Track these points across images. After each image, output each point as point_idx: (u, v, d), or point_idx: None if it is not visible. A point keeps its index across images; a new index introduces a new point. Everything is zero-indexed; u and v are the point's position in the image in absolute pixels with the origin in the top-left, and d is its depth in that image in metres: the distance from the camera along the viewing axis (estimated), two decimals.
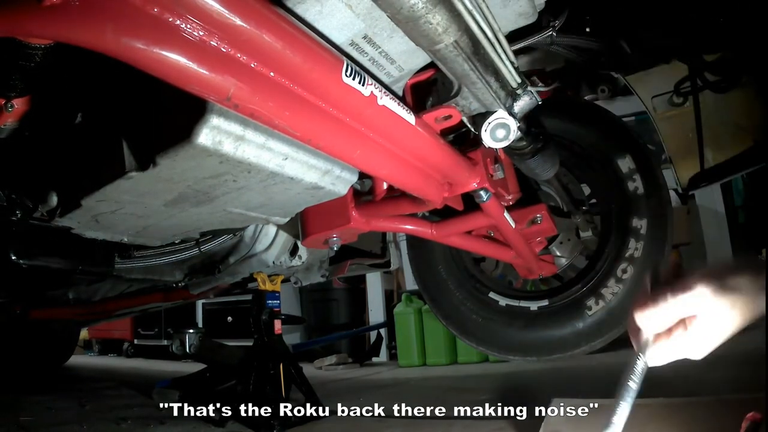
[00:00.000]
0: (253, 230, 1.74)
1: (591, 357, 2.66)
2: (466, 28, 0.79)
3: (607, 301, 1.90)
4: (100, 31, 0.48)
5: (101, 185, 0.94)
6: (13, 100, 0.82)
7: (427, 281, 2.23)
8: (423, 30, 0.74)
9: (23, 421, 2.15)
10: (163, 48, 0.51)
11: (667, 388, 1.69)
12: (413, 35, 0.77)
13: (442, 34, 0.76)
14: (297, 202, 1.18)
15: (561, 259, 2.06)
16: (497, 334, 2.08)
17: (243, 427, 1.90)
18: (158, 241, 1.36)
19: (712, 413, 1.31)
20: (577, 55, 1.26)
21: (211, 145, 0.83)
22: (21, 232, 1.13)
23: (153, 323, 5.65)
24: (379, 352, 4.58)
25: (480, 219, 1.50)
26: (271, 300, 2.05)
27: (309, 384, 2.09)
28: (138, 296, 2.32)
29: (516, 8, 0.97)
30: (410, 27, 0.73)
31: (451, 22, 0.76)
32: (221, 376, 2.29)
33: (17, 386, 3.16)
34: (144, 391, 2.74)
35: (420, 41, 0.78)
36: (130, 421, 2.13)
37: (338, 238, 1.46)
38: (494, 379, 2.87)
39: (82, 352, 6.41)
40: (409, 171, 1.07)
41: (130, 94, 0.88)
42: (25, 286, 2.08)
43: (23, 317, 2.45)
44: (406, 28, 0.75)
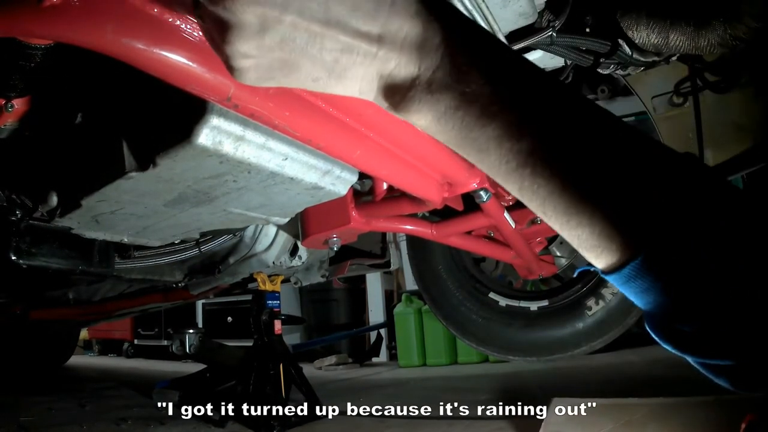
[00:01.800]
0: (253, 230, 1.74)
1: (591, 357, 2.67)
2: None
3: (607, 301, 1.90)
4: (100, 32, 0.48)
5: (101, 185, 0.94)
6: (13, 100, 0.82)
7: (427, 281, 2.23)
8: None
9: (23, 422, 2.15)
10: (163, 48, 0.51)
11: (666, 388, 1.69)
12: None
13: None
14: (297, 202, 1.18)
15: (561, 259, 2.06)
16: (497, 334, 2.08)
17: (243, 427, 1.91)
18: (158, 241, 1.36)
19: (712, 413, 1.31)
20: (577, 55, 1.26)
21: (211, 146, 0.83)
22: (21, 232, 1.13)
23: (153, 323, 5.65)
24: (379, 353, 4.58)
25: (480, 219, 1.50)
26: (271, 300, 2.05)
27: (309, 384, 2.09)
28: (138, 296, 2.32)
29: (516, 8, 0.97)
30: None
31: None
32: (221, 376, 2.29)
33: (17, 386, 3.16)
34: (144, 392, 2.75)
35: None
36: (130, 421, 2.13)
37: (338, 238, 1.46)
38: (494, 379, 2.87)
39: (82, 352, 6.41)
40: (409, 171, 1.07)
41: (130, 95, 0.88)
42: (25, 286, 2.08)
43: (23, 318, 2.45)
44: None
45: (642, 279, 0.36)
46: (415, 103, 0.39)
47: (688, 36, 1.12)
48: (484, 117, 0.37)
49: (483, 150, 0.38)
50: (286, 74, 0.39)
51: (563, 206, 0.37)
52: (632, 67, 1.38)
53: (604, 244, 0.37)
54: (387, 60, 0.38)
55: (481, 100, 0.37)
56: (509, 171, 0.38)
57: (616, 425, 1.39)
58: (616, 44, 1.24)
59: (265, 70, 0.38)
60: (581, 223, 0.37)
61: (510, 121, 0.37)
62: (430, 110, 0.39)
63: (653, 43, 1.17)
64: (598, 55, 1.28)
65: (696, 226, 0.35)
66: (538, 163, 0.37)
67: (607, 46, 1.24)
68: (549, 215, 0.39)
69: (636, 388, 1.86)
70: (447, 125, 0.39)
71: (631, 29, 1.18)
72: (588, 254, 0.39)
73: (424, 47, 0.38)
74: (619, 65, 1.35)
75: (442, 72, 0.38)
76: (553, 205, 0.37)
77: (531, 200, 0.39)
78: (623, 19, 1.18)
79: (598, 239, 0.37)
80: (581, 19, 1.25)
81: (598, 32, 1.25)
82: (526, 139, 0.37)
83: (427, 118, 0.40)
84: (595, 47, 1.25)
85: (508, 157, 0.38)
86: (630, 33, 1.18)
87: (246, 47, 0.37)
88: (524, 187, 0.38)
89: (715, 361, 0.37)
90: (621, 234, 0.36)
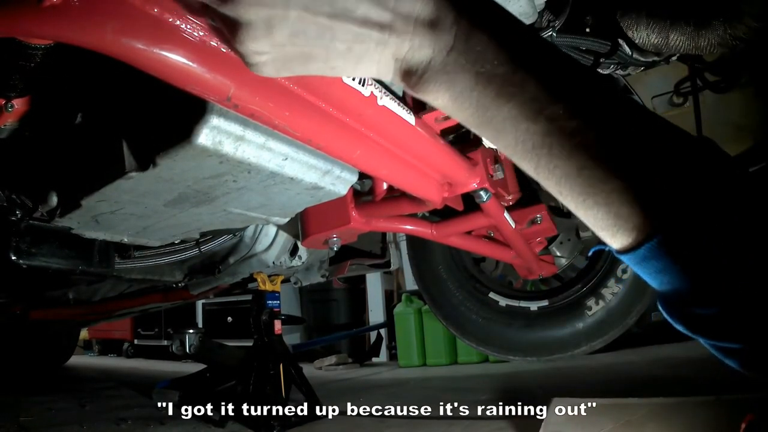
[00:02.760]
0: (253, 230, 1.74)
1: (591, 357, 2.67)
2: None
3: (607, 301, 1.90)
4: (100, 32, 0.48)
5: (101, 185, 0.94)
6: (13, 100, 0.82)
7: (427, 281, 2.23)
8: None
9: (23, 422, 2.15)
10: (163, 48, 0.51)
11: (666, 388, 1.69)
12: None
13: None
14: (297, 202, 1.18)
15: (561, 259, 2.06)
16: (497, 334, 2.08)
17: (243, 427, 1.91)
18: (158, 241, 1.36)
19: (711, 413, 1.31)
20: (577, 55, 1.26)
21: (211, 146, 0.83)
22: (21, 232, 1.13)
23: (153, 323, 5.65)
24: (379, 353, 4.58)
25: (480, 219, 1.50)
26: (271, 300, 2.05)
27: (309, 384, 2.09)
28: (138, 296, 2.32)
29: (516, 8, 0.97)
30: None
31: None
32: (221, 376, 2.29)
33: (17, 387, 3.16)
34: (144, 392, 2.75)
35: None
36: (130, 421, 2.13)
37: (338, 238, 1.46)
38: (494, 379, 2.87)
39: (82, 352, 6.41)
40: (409, 171, 1.07)
41: (130, 95, 0.88)
42: (24, 286, 2.08)
43: (23, 318, 2.45)
44: None
45: (657, 261, 0.36)
46: (431, 83, 0.39)
47: (688, 36, 1.12)
48: (500, 97, 0.37)
49: (499, 130, 0.38)
50: (303, 64, 0.39)
51: (579, 186, 0.37)
52: (632, 67, 1.38)
53: (620, 224, 0.37)
54: (400, 44, 0.38)
55: (496, 81, 0.37)
56: (525, 151, 0.38)
57: (616, 425, 1.39)
58: (616, 44, 1.24)
59: (282, 63, 0.39)
60: (597, 203, 0.37)
61: (526, 102, 0.37)
62: (447, 90, 0.39)
63: (653, 43, 1.17)
64: (598, 55, 1.28)
65: (718, 210, 0.35)
66: (555, 144, 0.37)
67: (607, 46, 1.24)
68: (565, 195, 0.39)
69: (636, 388, 1.86)
70: (463, 105, 0.39)
71: (631, 29, 1.18)
72: (603, 234, 0.39)
73: (436, 28, 0.37)
74: (619, 65, 1.36)
75: (456, 53, 0.37)
76: (570, 185, 0.37)
77: (547, 180, 0.39)
78: (623, 19, 1.18)
79: (614, 219, 0.37)
80: (581, 19, 1.25)
81: (598, 32, 1.25)
82: (543, 120, 0.37)
83: (444, 98, 0.40)
84: (595, 47, 1.25)
85: (524, 137, 0.37)
86: (630, 33, 1.18)
87: (258, 45, 0.37)
88: (540, 166, 0.38)
89: (727, 344, 0.37)
90: (637, 215, 0.36)
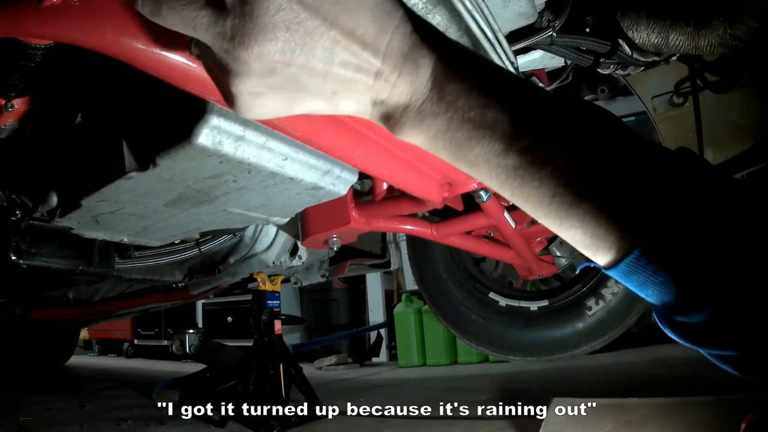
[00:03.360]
0: (253, 230, 1.74)
1: (591, 357, 2.67)
2: (466, 28, 0.79)
3: (607, 301, 1.90)
4: (100, 32, 0.48)
5: (101, 185, 0.94)
6: (13, 100, 0.82)
7: (427, 281, 2.23)
8: None
9: (23, 422, 2.15)
10: (163, 48, 0.51)
11: (666, 388, 1.69)
12: None
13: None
14: (297, 202, 1.18)
15: (561, 259, 2.06)
16: (497, 334, 2.08)
17: (243, 427, 1.91)
18: (158, 241, 1.36)
19: (712, 413, 1.31)
20: (577, 55, 1.26)
21: (211, 146, 0.83)
22: (21, 232, 1.13)
23: (153, 323, 5.65)
24: (379, 353, 4.58)
25: (480, 219, 1.50)
26: (271, 300, 2.05)
27: (309, 384, 2.09)
28: (138, 296, 2.32)
29: (516, 8, 0.97)
30: None
31: (451, 23, 0.76)
32: (221, 376, 2.29)
33: (17, 386, 3.16)
34: (144, 392, 2.75)
35: None
36: (130, 421, 2.14)
37: (338, 238, 1.46)
38: (494, 379, 2.87)
39: (82, 352, 6.41)
40: (409, 171, 1.07)
41: (130, 95, 0.88)
42: (24, 286, 2.08)
43: (23, 318, 2.45)
44: None
45: (640, 274, 0.38)
46: (407, 127, 0.42)
47: (688, 36, 1.12)
48: (471, 139, 0.40)
49: (474, 165, 0.41)
50: (287, 108, 0.41)
51: (555, 210, 0.39)
52: (632, 67, 1.38)
53: (599, 242, 0.39)
54: (381, 91, 0.41)
55: (467, 124, 0.40)
56: (500, 182, 0.41)
57: (616, 425, 1.39)
58: (616, 44, 1.24)
59: (268, 107, 0.40)
60: (573, 225, 0.39)
61: (496, 141, 0.40)
62: (421, 133, 0.42)
63: (653, 43, 1.17)
64: (598, 55, 1.28)
65: (692, 218, 0.36)
66: (526, 175, 0.39)
67: (607, 46, 1.24)
68: (542, 219, 0.41)
69: (636, 388, 1.87)
70: (438, 145, 0.42)
71: (631, 29, 1.18)
72: (586, 252, 0.40)
73: (414, 82, 0.40)
74: (619, 65, 1.36)
75: (430, 102, 0.40)
76: (545, 210, 0.40)
77: (524, 206, 0.42)
78: (623, 19, 1.18)
79: (591, 238, 0.39)
80: (581, 19, 1.25)
81: (598, 32, 1.24)
82: (513, 155, 0.39)
83: (419, 139, 0.43)
84: (595, 47, 1.25)
85: (497, 171, 0.40)
86: (630, 33, 1.18)
87: (250, 87, 0.38)
88: (515, 195, 0.41)
89: (722, 351, 0.38)
90: (613, 233, 0.38)
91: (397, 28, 0.39)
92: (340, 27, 0.37)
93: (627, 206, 0.38)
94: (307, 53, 0.37)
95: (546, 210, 0.40)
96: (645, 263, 0.37)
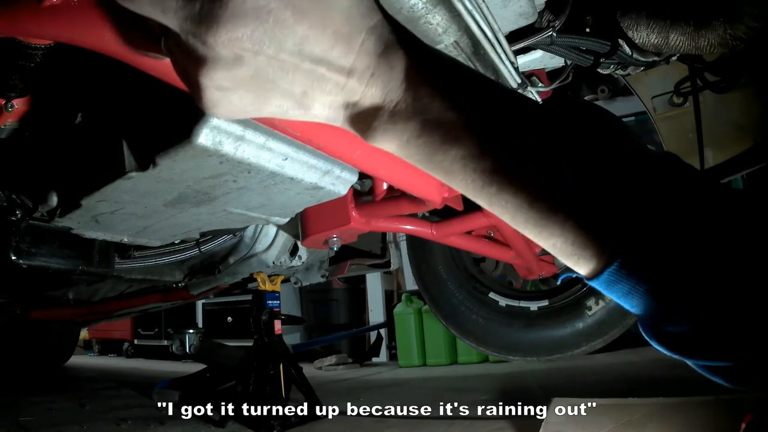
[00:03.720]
0: (253, 230, 1.74)
1: (591, 357, 2.67)
2: (466, 28, 0.79)
3: (607, 301, 1.90)
4: (99, 32, 0.48)
5: (101, 185, 0.94)
6: (13, 100, 0.82)
7: (427, 281, 2.23)
8: (423, 30, 0.74)
9: (23, 422, 2.15)
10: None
11: (667, 388, 1.69)
12: None
13: (442, 35, 0.76)
14: (297, 202, 1.18)
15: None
16: (497, 334, 2.08)
17: (243, 427, 1.91)
18: (158, 241, 1.36)
19: (712, 413, 1.31)
20: (577, 55, 1.26)
21: (211, 146, 0.83)
22: (21, 232, 1.13)
23: (153, 323, 5.65)
24: (379, 353, 4.58)
25: (480, 219, 1.50)
26: (271, 300, 2.05)
27: (309, 384, 2.09)
28: (138, 296, 2.32)
29: (516, 8, 0.97)
30: (410, 27, 0.73)
31: (451, 23, 0.76)
32: (221, 376, 2.29)
33: (17, 386, 3.16)
34: (144, 392, 2.75)
35: None
36: (130, 421, 2.13)
37: (338, 238, 1.46)
38: (494, 379, 2.87)
39: (82, 352, 6.42)
40: (409, 171, 1.07)
41: (130, 95, 0.88)
42: (25, 286, 2.08)
43: (23, 317, 2.45)
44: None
45: (622, 284, 0.37)
46: (380, 132, 0.41)
47: (688, 36, 1.12)
48: (446, 142, 0.39)
49: (449, 171, 0.40)
50: (256, 108, 0.40)
51: (533, 219, 0.38)
52: (632, 67, 1.38)
53: (579, 252, 0.38)
54: (353, 92, 0.40)
55: (442, 127, 0.39)
56: (476, 189, 0.39)
57: (616, 425, 1.39)
58: (616, 44, 1.24)
59: (236, 104, 0.39)
60: (553, 234, 0.38)
61: (471, 144, 0.38)
62: (394, 138, 0.41)
63: (653, 43, 1.17)
64: (598, 55, 1.28)
65: (674, 226, 0.35)
66: (503, 181, 0.38)
67: (607, 46, 1.24)
68: (521, 227, 0.40)
69: (636, 388, 1.86)
70: (411, 150, 0.41)
71: (631, 29, 1.18)
72: (567, 261, 0.39)
73: (388, 83, 0.39)
74: (619, 65, 1.36)
75: (404, 104, 0.39)
76: (524, 218, 0.39)
77: (502, 215, 0.40)
78: (623, 19, 1.18)
79: (572, 248, 0.38)
80: (581, 19, 1.25)
81: (598, 32, 1.24)
82: (488, 160, 0.38)
83: (392, 145, 0.41)
84: (595, 47, 1.25)
85: (473, 177, 0.39)
86: (630, 33, 1.18)
87: (217, 79, 0.37)
88: (493, 203, 0.39)
89: (709, 362, 0.38)
90: (594, 242, 0.37)
91: (372, 28, 0.38)
92: (310, 22, 0.36)
93: (607, 215, 0.37)
94: (276, 45, 0.36)
95: (524, 218, 0.38)
96: (627, 273, 0.36)
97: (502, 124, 0.39)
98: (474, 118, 0.38)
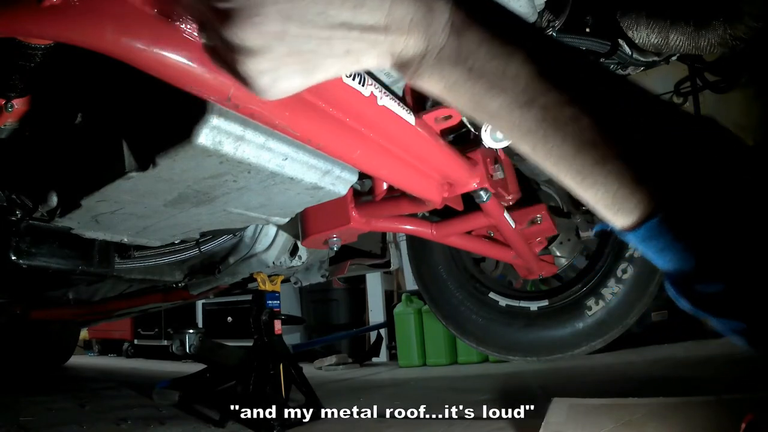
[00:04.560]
0: (253, 230, 1.74)
1: (591, 357, 2.67)
2: None
3: (607, 301, 1.90)
4: (99, 32, 0.48)
5: (101, 185, 0.94)
6: (13, 100, 0.82)
7: (427, 281, 2.23)
8: None
9: (23, 422, 2.15)
10: (163, 48, 0.51)
11: (667, 388, 1.69)
12: None
13: None
14: (297, 202, 1.18)
15: (561, 259, 2.05)
16: (497, 334, 2.08)
17: (243, 427, 1.91)
18: (158, 241, 1.36)
19: (712, 413, 1.32)
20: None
21: (211, 146, 0.83)
22: (21, 232, 1.13)
23: (153, 323, 5.65)
24: (379, 353, 4.58)
25: (480, 219, 1.50)
26: (271, 300, 2.05)
27: (309, 384, 2.09)
28: (138, 296, 2.32)
29: (515, 8, 0.97)
30: None
31: None
32: (221, 376, 2.29)
33: (17, 386, 3.16)
34: (144, 392, 2.75)
35: None
36: (130, 421, 2.13)
37: (338, 238, 1.46)
38: (494, 379, 2.87)
39: (82, 352, 6.41)
40: (409, 171, 1.07)
41: (130, 95, 0.88)
42: (25, 286, 2.08)
43: (23, 317, 2.45)
44: None
45: (660, 239, 0.36)
46: (426, 75, 0.40)
47: (688, 36, 1.12)
48: (492, 89, 0.38)
49: (494, 116, 0.39)
50: (307, 78, 0.40)
51: (577, 167, 0.37)
52: (632, 67, 1.38)
53: (620, 203, 0.37)
54: (395, 43, 0.39)
55: (488, 75, 0.38)
56: (522, 134, 0.39)
57: (616, 425, 1.39)
58: (616, 44, 1.24)
59: (286, 81, 0.40)
60: (596, 183, 0.37)
61: (518, 93, 0.38)
62: (440, 81, 0.40)
63: (653, 43, 1.17)
64: (598, 55, 1.28)
65: (719, 187, 0.35)
66: (550, 129, 0.37)
67: (607, 46, 1.24)
68: (563, 175, 0.39)
69: (636, 388, 1.86)
70: (457, 94, 0.40)
71: (631, 29, 1.18)
72: (604, 213, 0.39)
73: (430, 28, 0.38)
74: (619, 65, 1.36)
75: (449, 50, 0.39)
76: (567, 166, 0.38)
77: (544, 161, 0.39)
78: (623, 19, 1.18)
79: (613, 199, 0.37)
80: (581, 19, 1.25)
81: (598, 32, 1.25)
82: (536, 108, 0.37)
83: (438, 88, 0.41)
84: (595, 47, 1.25)
85: (519, 123, 0.38)
86: (630, 33, 1.18)
87: (260, 65, 0.38)
88: (537, 149, 0.39)
89: (734, 323, 0.37)
90: (637, 194, 0.36)
91: None
92: None
93: (654, 168, 0.36)
94: (298, 21, 0.36)
95: (568, 166, 0.38)
96: (667, 228, 0.35)
97: (551, 74, 0.38)
98: (523, 68, 0.37)
